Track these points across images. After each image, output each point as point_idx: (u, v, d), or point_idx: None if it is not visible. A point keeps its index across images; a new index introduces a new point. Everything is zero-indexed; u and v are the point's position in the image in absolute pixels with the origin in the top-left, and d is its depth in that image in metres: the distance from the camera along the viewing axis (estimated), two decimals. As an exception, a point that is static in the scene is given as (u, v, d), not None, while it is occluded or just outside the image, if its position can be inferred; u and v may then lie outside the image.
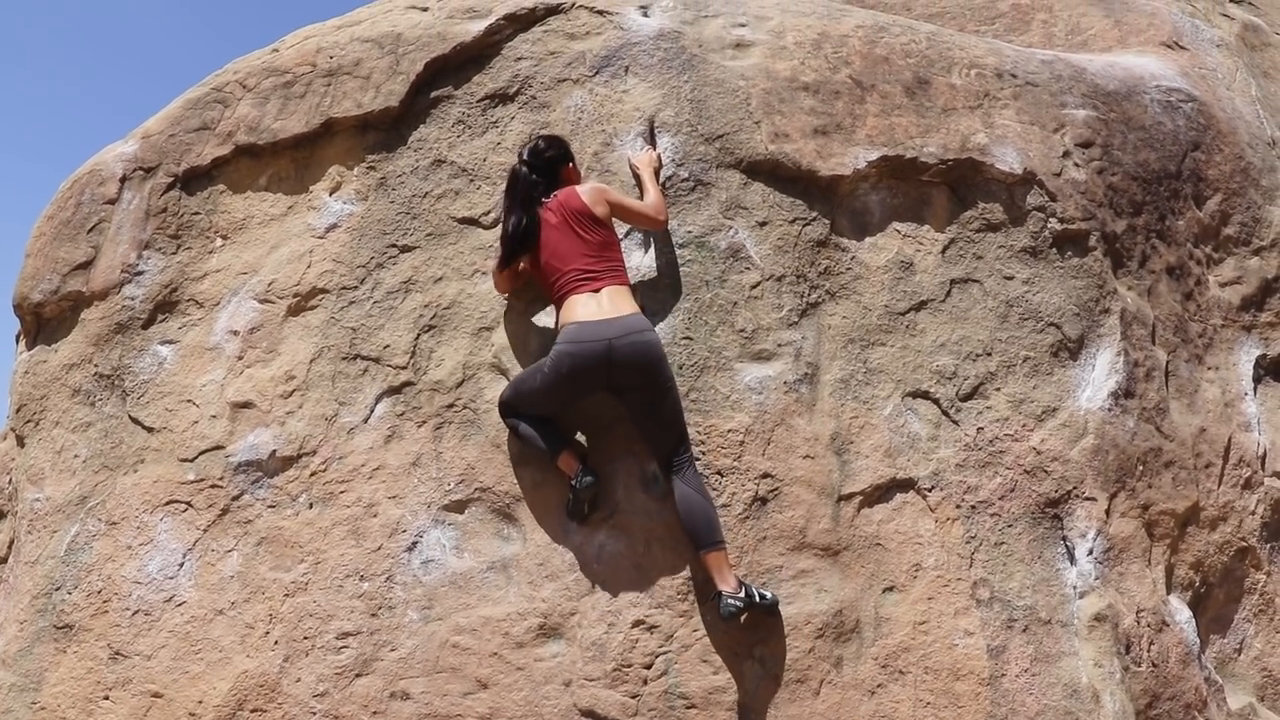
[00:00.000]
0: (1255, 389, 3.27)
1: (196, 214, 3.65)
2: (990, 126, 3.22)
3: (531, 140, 3.03)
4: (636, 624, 2.65)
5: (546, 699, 2.61)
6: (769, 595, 2.56)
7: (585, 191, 2.87)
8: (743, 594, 2.51)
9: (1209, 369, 3.22)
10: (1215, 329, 3.31)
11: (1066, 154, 3.23)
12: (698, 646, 2.61)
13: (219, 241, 3.59)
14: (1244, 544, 3.00)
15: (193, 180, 3.70)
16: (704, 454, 2.80)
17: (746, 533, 2.72)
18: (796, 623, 2.61)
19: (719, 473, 2.78)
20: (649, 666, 2.60)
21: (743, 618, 2.56)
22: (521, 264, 2.99)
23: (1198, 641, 2.82)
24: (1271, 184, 3.59)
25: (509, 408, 2.81)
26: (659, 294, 2.99)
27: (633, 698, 2.57)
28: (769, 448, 2.80)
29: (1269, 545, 3.07)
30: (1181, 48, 3.86)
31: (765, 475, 2.77)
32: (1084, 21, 4.16)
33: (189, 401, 3.31)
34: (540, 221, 2.88)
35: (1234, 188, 3.50)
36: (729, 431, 2.82)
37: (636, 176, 3.02)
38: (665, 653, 2.61)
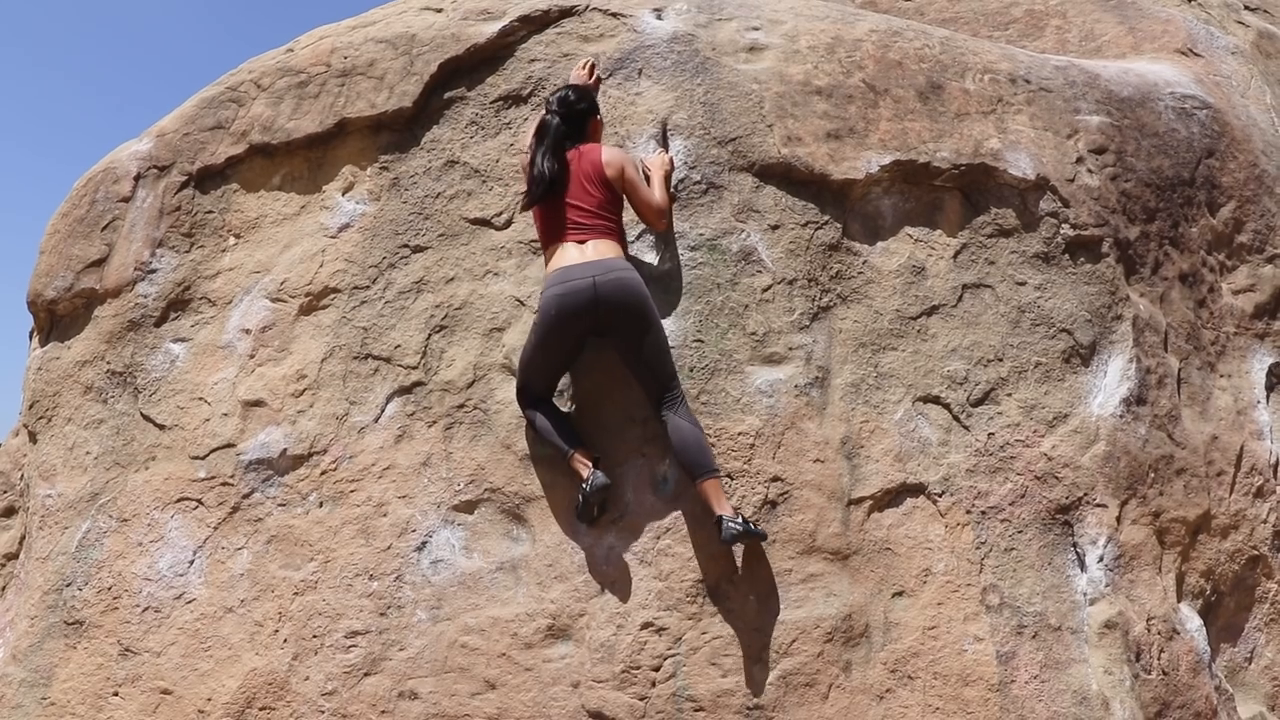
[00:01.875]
0: (1268, 397, 3.26)
1: (210, 212, 3.67)
2: (1003, 132, 3.21)
3: (561, 90, 3.02)
4: (645, 626, 2.65)
5: (554, 700, 2.61)
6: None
7: (608, 154, 2.89)
8: (740, 520, 2.55)
9: (1221, 376, 3.21)
10: (1228, 336, 3.29)
11: (1080, 160, 3.22)
12: (706, 649, 2.60)
13: (232, 240, 3.61)
14: (1255, 552, 2.99)
15: (207, 179, 3.72)
16: (715, 456, 2.80)
17: (756, 536, 2.71)
18: (805, 626, 2.61)
19: (729, 475, 2.78)
20: (657, 669, 2.60)
21: (738, 542, 2.58)
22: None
23: (1208, 650, 2.80)
24: (1285, 192, 3.58)
25: (521, 392, 2.85)
26: (670, 296, 2.99)
27: (641, 700, 2.57)
28: (779, 451, 2.80)
29: (1281, 554, 3.06)
30: (1196, 55, 3.84)
31: (775, 479, 2.77)
32: (1098, 28, 4.15)
33: (201, 399, 3.32)
34: (563, 176, 2.86)
35: (1248, 195, 3.49)
36: (739, 434, 2.82)
37: (647, 177, 3.03)
38: (674, 655, 2.61)
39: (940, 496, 2.77)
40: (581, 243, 2.78)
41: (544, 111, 3.00)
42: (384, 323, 3.23)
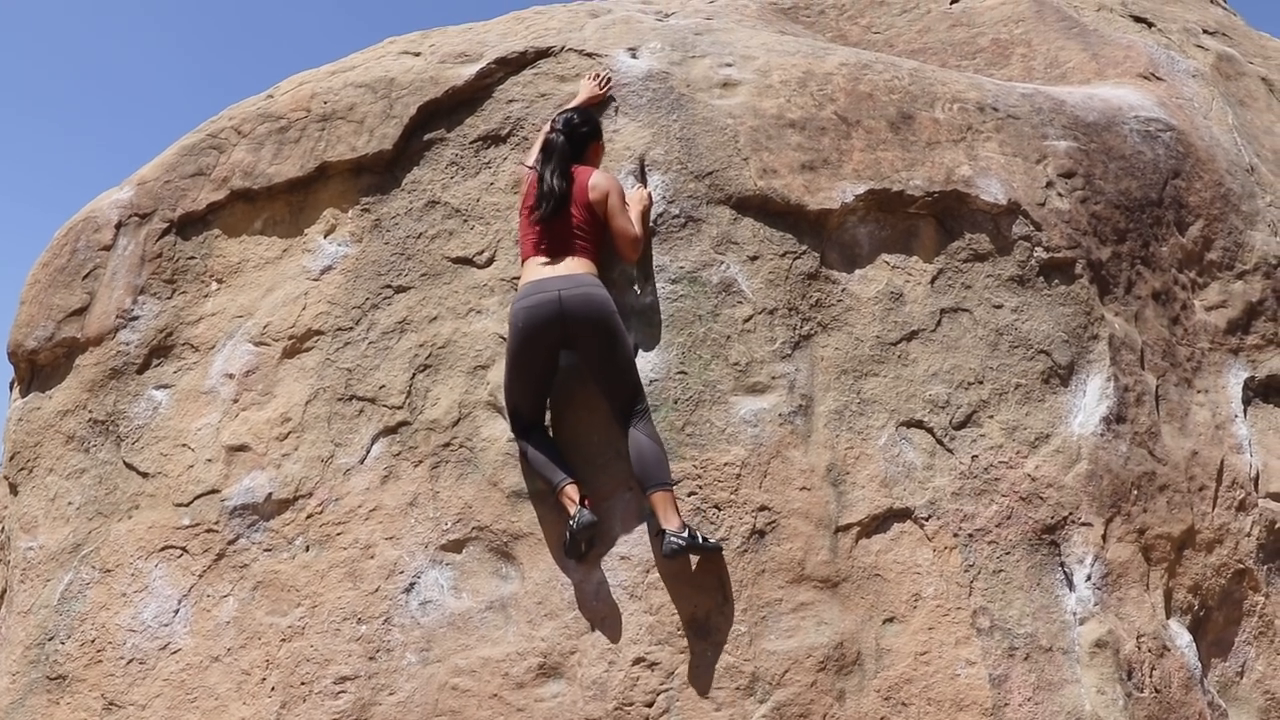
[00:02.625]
0: (1245, 411, 3.30)
1: (192, 258, 3.68)
2: (974, 159, 3.28)
3: (566, 111, 3.13)
4: (637, 661, 2.63)
5: (548, 740, 2.58)
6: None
7: (595, 179, 2.97)
8: (685, 534, 2.57)
9: (1199, 392, 3.26)
10: (1203, 352, 3.35)
11: (1050, 184, 3.29)
12: (699, 683, 2.59)
13: (214, 285, 3.61)
14: (1241, 566, 3.01)
15: (188, 225, 3.73)
16: (700, 488, 2.81)
17: (745, 566, 2.71)
18: (798, 656, 2.60)
19: (716, 506, 2.78)
20: (650, 704, 2.58)
21: (691, 558, 2.62)
22: (523, 189, 3.03)
23: (1199, 665, 2.81)
24: (1251, 209, 3.66)
25: (513, 419, 2.88)
26: (652, 329, 3.01)
27: (635, 737, 2.55)
28: (765, 480, 2.81)
29: (1266, 567, 3.08)
30: (1158, 79, 3.95)
31: (762, 508, 2.78)
32: (1062, 55, 4.26)
33: (184, 446, 3.30)
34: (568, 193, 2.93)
35: (1215, 213, 3.57)
36: (725, 465, 2.83)
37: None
38: (667, 690, 2.59)
39: (927, 520, 2.78)
40: (554, 259, 2.87)
41: (549, 130, 3.08)
42: (368, 363, 3.23)
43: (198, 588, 3.04)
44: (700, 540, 2.59)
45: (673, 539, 2.57)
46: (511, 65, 3.60)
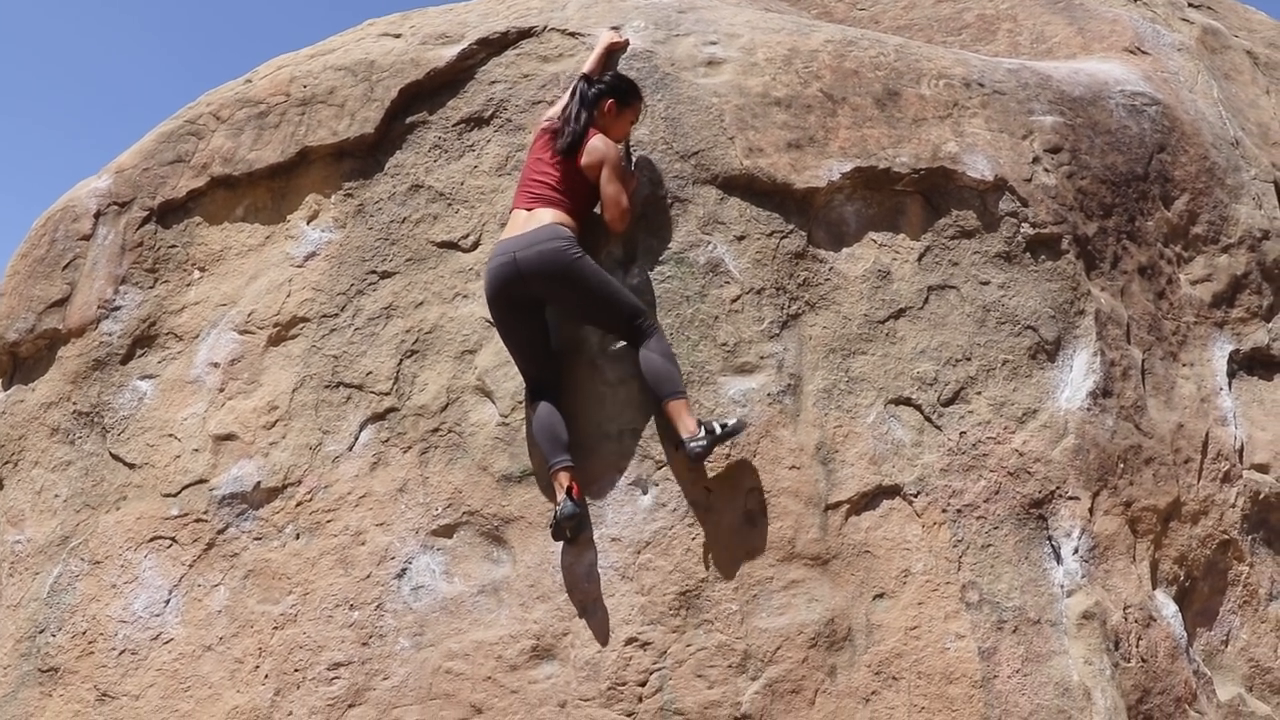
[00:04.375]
0: (1230, 384, 3.33)
1: (173, 247, 3.64)
2: (960, 135, 3.27)
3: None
4: (630, 641, 2.64)
5: (542, 722, 2.60)
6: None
7: (594, 143, 2.95)
8: (702, 433, 2.62)
9: (1184, 365, 3.28)
10: (1188, 326, 3.36)
11: (1036, 160, 3.29)
12: (692, 662, 2.60)
13: (196, 274, 3.58)
14: (1226, 537, 3.04)
15: (168, 213, 3.69)
16: (691, 468, 2.81)
17: (736, 545, 2.72)
18: (789, 633, 2.62)
19: (706, 487, 2.78)
20: (644, 684, 2.59)
21: (709, 455, 2.65)
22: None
23: (1185, 635, 2.84)
24: (1236, 183, 3.67)
25: (521, 373, 2.89)
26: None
27: (629, 715, 2.57)
28: (755, 459, 2.82)
29: (1250, 537, 3.11)
30: (1144, 53, 3.94)
31: (752, 488, 2.78)
32: (1048, 30, 4.24)
33: (170, 436, 3.28)
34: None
35: (1200, 187, 3.58)
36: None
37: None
38: (660, 669, 2.60)
39: (916, 497, 2.80)
40: (529, 209, 2.87)
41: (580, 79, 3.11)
42: (354, 350, 3.21)
43: (188, 577, 3.03)
44: (719, 431, 2.63)
45: (693, 444, 2.61)
46: (493, 46, 3.56)
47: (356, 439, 3.08)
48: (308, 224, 3.49)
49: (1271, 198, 3.72)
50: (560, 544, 2.78)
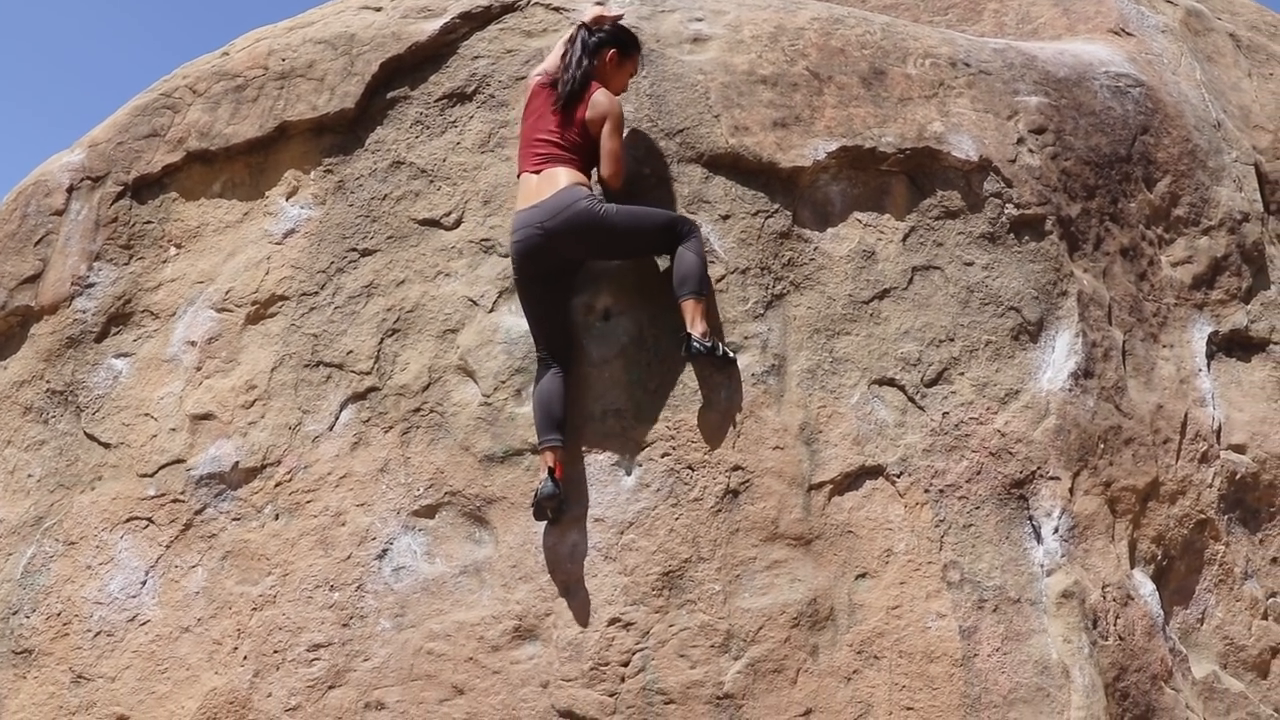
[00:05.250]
0: (1209, 365, 3.35)
1: (148, 223, 3.57)
2: (946, 115, 3.26)
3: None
4: (612, 622, 2.64)
5: (524, 701, 2.60)
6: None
7: (598, 97, 2.91)
8: (709, 342, 2.72)
9: (1164, 347, 3.30)
10: (1169, 308, 3.38)
11: (1020, 140, 3.28)
12: (674, 642, 2.61)
13: (173, 250, 3.51)
14: (1203, 516, 3.08)
15: (143, 188, 3.62)
16: (674, 448, 2.80)
17: (719, 525, 2.72)
18: (771, 613, 2.62)
19: (690, 467, 2.78)
20: (626, 664, 2.59)
21: (701, 362, 2.78)
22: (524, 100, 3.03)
23: (1161, 613, 2.88)
24: (1218, 165, 3.68)
25: (536, 344, 2.85)
26: (625, 291, 2.98)
27: (611, 696, 2.57)
28: (739, 440, 2.81)
29: (1226, 517, 3.15)
30: (1128, 34, 3.94)
31: (736, 468, 2.78)
32: (1033, 10, 4.22)
33: (147, 415, 3.23)
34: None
35: (1182, 169, 3.59)
36: (699, 425, 2.82)
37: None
38: (642, 649, 2.60)
39: (899, 477, 2.80)
40: (538, 171, 2.84)
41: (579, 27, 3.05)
42: (334, 329, 3.17)
43: (165, 558, 3.00)
44: (721, 352, 2.74)
45: (696, 343, 2.70)
46: (476, 20, 3.50)
47: (337, 419, 3.05)
48: (287, 200, 3.44)
49: (1252, 180, 3.74)
50: (543, 524, 2.76)
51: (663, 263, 2.97)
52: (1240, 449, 3.25)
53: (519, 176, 2.93)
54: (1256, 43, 4.39)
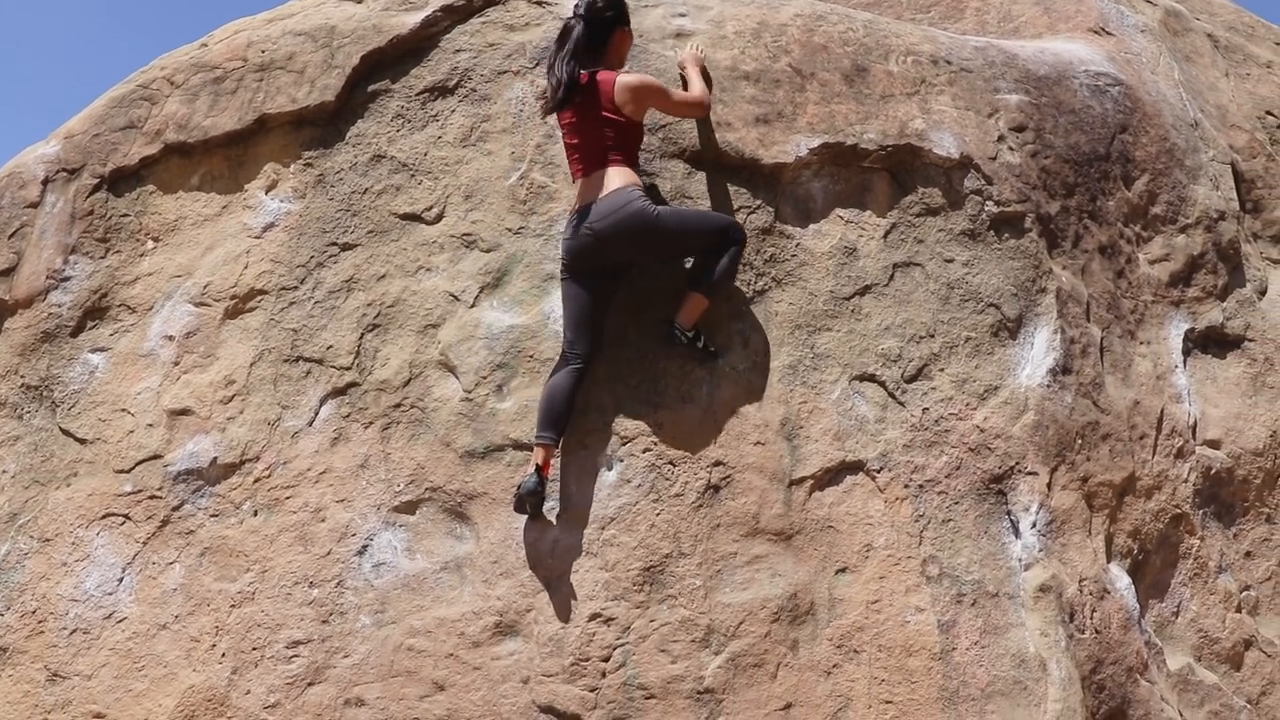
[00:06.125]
0: (1185, 361, 3.39)
1: (125, 216, 3.52)
2: (927, 112, 3.27)
3: None
4: (593, 617, 2.64)
5: (505, 697, 2.59)
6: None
7: (621, 87, 2.83)
8: (691, 333, 2.79)
9: (1141, 344, 3.33)
10: (1146, 305, 3.42)
11: (1001, 138, 3.30)
12: (655, 636, 2.61)
13: (150, 244, 3.47)
14: (1178, 511, 3.11)
15: (120, 181, 3.57)
16: (656, 444, 2.80)
17: (700, 520, 2.73)
18: (752, 608, 2.63)
19: (671, 462, 2.78)
20: (607, 659, 2.60)
21: (679, 347, 2.82)
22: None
23: (1137, 607, 2.91)
24: (1195, 164, 3.72)
25: (565, 337, 2.81)
26: (606, 286, 2.97)
27: (591, 691, 2.57)
28: (720, 435, 2.82)
29: (1201, 511, 3.19)
30: (1108, 33, 3.97)
31: (717, 463, 2.78)
32: (1015, 9, 4.25)
33: (123, 410, 3.20)
34: (578, 84, 2.81)
35: (1160, 168, 3.62)
36: (680, 421, 2.82)
37: (683, 73, 3.12)
38: (623, 644, 2.61)
39: (879, 472, 2.82)
40: (590, 175, 2.84)
41: (571, 14, 2.94)
42: (314, 323, 3.15)
43: (142, 555, 2.97)
44: (702, 345, 2.81)
45: (678, 330, 2.77)
46: (458, 13, 3.48)
47: (317, 414, 3.03)
48: (266, 194, 3.40)
49: (1228, 179, 3.78)
50: (524, 520, 2.76)
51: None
52: (1215, 444, 3.30)
53: (574, 175, 2.91)
54: (1234, 43, 4.44)
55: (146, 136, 3.58)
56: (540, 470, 2.66)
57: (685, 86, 3.10)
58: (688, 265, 2.92)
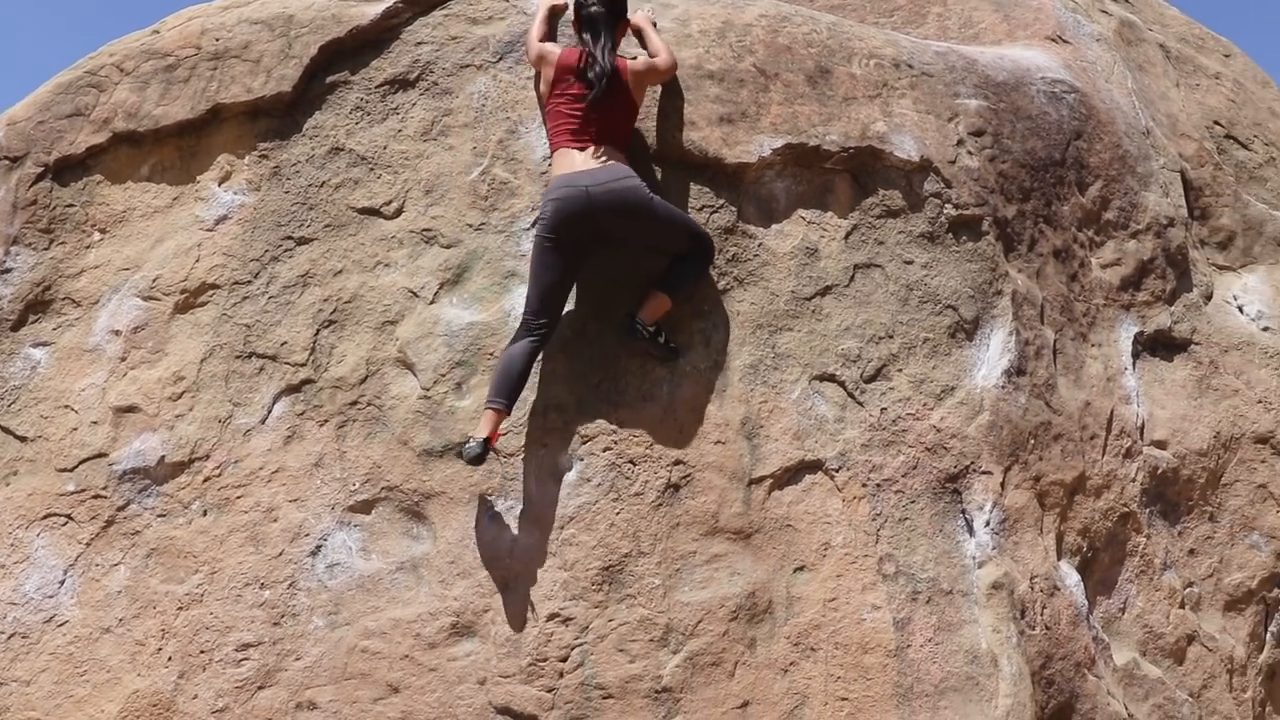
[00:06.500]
0: (1134, 364, 3.47)
1: (71, 206, 3.41)
2: (889, 115, 3.30)
3: None
4: (551, 617, 2.62)
5: (461, 699, 2.56)
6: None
7: (633, 72, 2.94)
8: (653, 328, 2.78)
9: (1093, 346, 3.40)
10: (1098, 308, 3.49)
11: (960, 142, 3.35)
12: (613, 636, 2.60)
13: (97, 236, 3.37)
14: (1126, 509, 3.19)
15: (66, 170, 3.45)
16: (616, 442, 2.79)
17: (660, 519, 2.72)
18: (711, 607, 2.64)
19: (631, 461, 2.77)
20: (565, 659, 2.58)
21: (639, 344, 2.81)
22: (544, 71, 3.00)
23: (1086, 603, 2.98)
24: (1146, 171, 3.81)
25: (528, 307, 2.78)
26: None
27: (549, 691, 2.55)
28: (680, 434, 2.81)
29: (1148, 510, 3.27)
30: (1065, 41, 4.04)
31: (677, 462, 2.78)
32: (975, 15, 4.31)
33: (67, 407, 3.10)
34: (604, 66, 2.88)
35: (1113, 175, 3.70)
36: (640, 420, 2.81)
37: (639, 34, 3.14)
38: (581, 644, 2.59)
39: (837, 472, 2.84)
40: (585, 148, 2.84)
41: (578, 5, 3.02)
42: (268, 319, 3.08)
43: (85, 557, 2.88)
44: (663, 341, 2.80)
45: (639, 324, 2.75)
46: (420, 5, 3.42)
47: (270, 412, 2.96)
48: (219, 186, 3.32)
49: (1178, 186, 3.88)
50: (482, 522, 2.73)
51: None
52: (1162, 445, 3.38)
53: (555, 149, 2.89)
54: (1185, 54, 4.55)
55: (94, 125, 3.47)
56: (488, 441, 2.62)
57: (646, 47, 3.12)
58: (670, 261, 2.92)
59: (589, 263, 2.88)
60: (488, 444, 2.62)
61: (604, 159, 2.81)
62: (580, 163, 2.81)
